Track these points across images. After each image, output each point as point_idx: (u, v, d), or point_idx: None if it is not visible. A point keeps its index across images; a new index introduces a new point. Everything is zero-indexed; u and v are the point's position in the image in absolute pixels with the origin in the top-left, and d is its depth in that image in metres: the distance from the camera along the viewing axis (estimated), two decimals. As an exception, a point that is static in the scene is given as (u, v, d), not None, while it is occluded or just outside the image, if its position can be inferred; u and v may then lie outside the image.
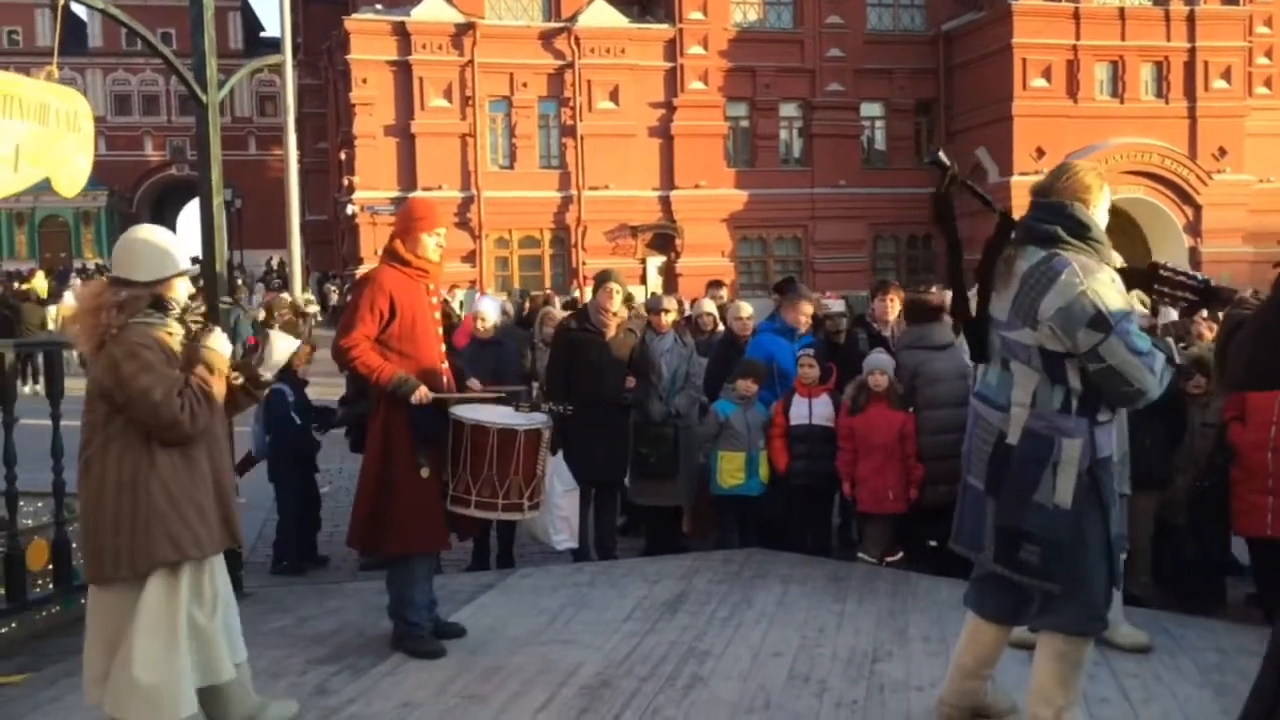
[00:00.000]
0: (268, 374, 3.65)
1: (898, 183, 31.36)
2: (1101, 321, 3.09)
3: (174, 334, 3.47)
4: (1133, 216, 29.77)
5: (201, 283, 3.76)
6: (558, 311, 10.03)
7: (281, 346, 3.75)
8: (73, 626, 5.08)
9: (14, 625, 4.94)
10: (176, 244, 3.51)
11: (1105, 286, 3.15)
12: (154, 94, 47.36)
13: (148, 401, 3.26)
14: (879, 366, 6.26)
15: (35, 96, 5.03)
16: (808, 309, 7.23)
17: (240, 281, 28.15)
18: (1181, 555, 5.69)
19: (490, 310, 7.14)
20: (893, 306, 7.12)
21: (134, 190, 47.31)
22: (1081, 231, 3.24)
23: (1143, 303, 3.59)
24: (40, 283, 27.94)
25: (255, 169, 45.68)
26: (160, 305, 3.43)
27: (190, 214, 50.08)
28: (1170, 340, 3.44)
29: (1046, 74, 29.22)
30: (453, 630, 4.80)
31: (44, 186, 5.24)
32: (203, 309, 3.61)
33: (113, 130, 45.45)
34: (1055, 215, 3.27)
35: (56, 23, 5.90)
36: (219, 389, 3.45)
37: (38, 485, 5.54)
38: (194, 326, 3.55)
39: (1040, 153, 28.40)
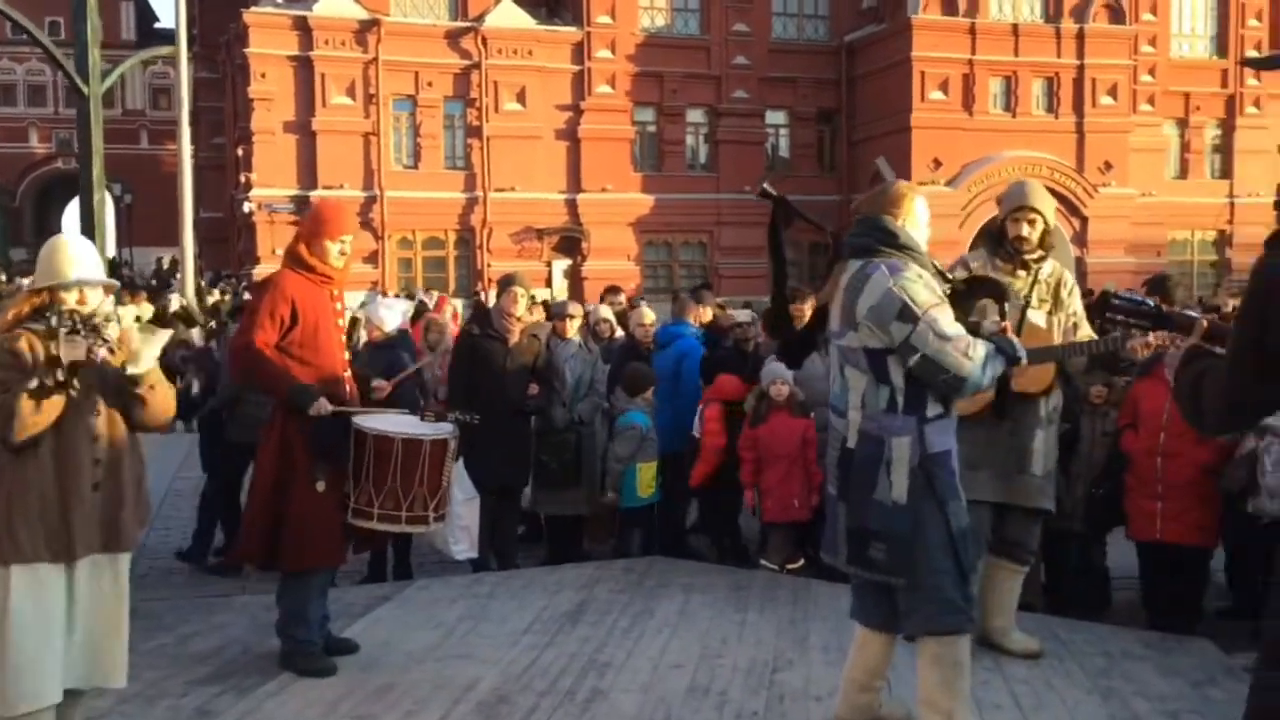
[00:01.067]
0: (138, 369, 3.46)
1: (801, 190, 31.63)
2: (908, 313, 3.31)
3: (45, 341, 3.34)
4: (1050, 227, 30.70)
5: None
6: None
7: (139, 340, 3.51)
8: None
9: None
10: (72, 254, 3.44)
11: (911, 283, 3.37)
12: (40, 84, 45.40)
13: None
14: (779, 376, 6.27)
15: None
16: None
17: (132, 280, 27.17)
18: (1069, 561, 5.83)
19: (389, 320, 6.92)
20: (804, 313, 7.12)
21: (18, 184, 45.33)
22: (890, 240, 3.48)
23: (1001, 313, 3.78)
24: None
25: (148, 164, 44.14)
26: (41, 312, 3.40)
27: (76, 209, 48.18)
28: (1013, 338, 3.53)
29: (944, 87, 29.96)
30: (345, 646, 4.66)
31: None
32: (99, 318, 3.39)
33: (-5, 121, 43.56)
34: (868, 229, 3.53)
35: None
36: (53, 400, 3.29)
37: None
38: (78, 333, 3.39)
39: (937, 163, 29.13)
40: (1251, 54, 30.21)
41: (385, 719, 3.98)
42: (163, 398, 3.58)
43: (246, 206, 28.54)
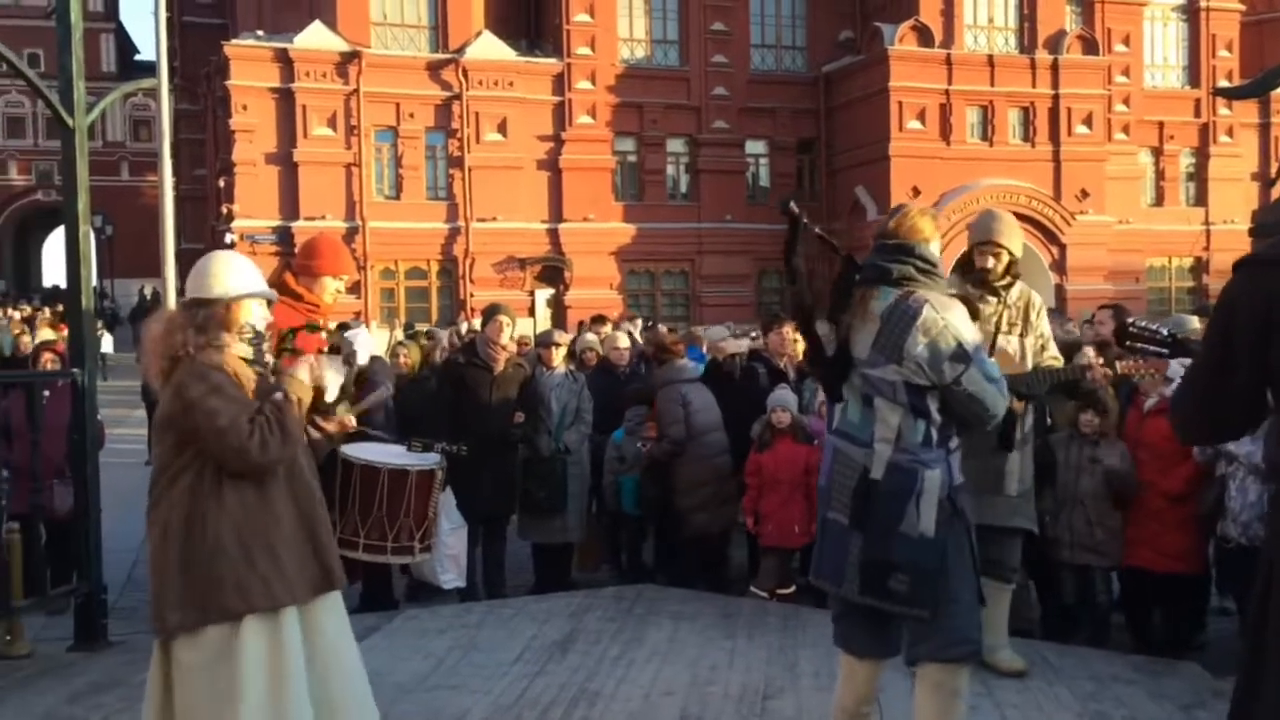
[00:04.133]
0: (331, 399, 3.32)
1: (782, 219, 31.93)
2: (963, 354, 3.30)
3: (247, 359, 3.19)
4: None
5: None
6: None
7: (330, 371, 3.39)
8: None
9: None
10: (249, 266, 3.30)
11: (962, 321, 3.37)
12: (19, 116, 45.31)
13: (213, 426, 2.95)
14: (781, 404, 6.35)
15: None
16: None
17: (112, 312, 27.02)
18: (1065, 593, 5.80)
19: (359, 353, 6.69)
20: (789, 340, 7.14)
21: (-5, 215, 45.14)
22: (930, 269, 3.44)
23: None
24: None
25: (128, 195, 44.03)
26: (229, 327, 3.17)
27: (56, 241, 47.92)
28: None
29: (921, 116, 30.27)
30: (334, 677, 4.62)
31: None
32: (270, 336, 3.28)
33: (-27, 153, 43.36)
34: (904, 255, 3.44)
35: (-90, 40, 5.60)
36: (298, 420, 3.13)
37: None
38: (268, 354, 3.27)
39: (916, 192, 29.36)
40: (1223, 84, 30.68)
41: (376, 750, 3.93)
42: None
43: (229, 238, 28.43)
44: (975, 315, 3.87)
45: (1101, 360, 4.86)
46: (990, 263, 4.60)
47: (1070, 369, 4.52)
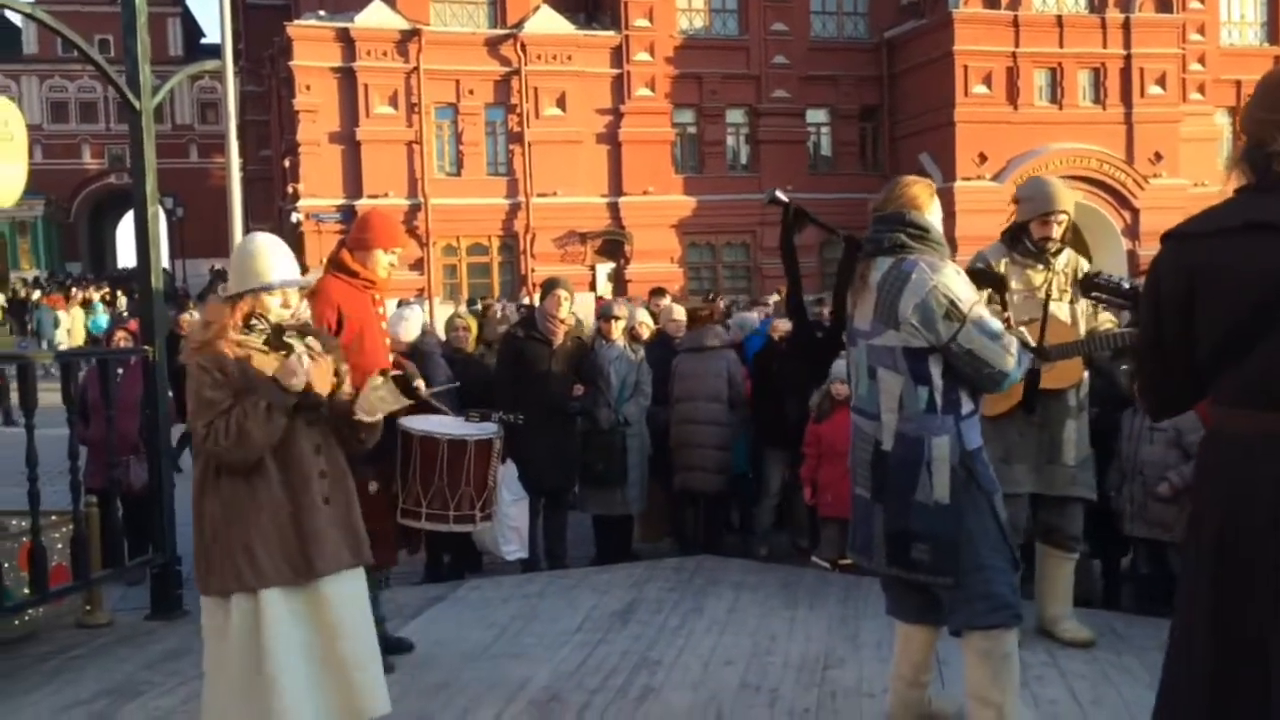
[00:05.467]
0: (365, 419, 3.30)
1: (844, 188, 31.58)
2: (955, 311, 3.28)
3: (265, 355, 3.19)
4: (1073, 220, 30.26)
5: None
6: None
7: (374, 395, 3.31)
8: (5, 650, 4.96)
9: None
10: (268, 255, 3.24)
11: (952, 279, 3.34)
12: (91, 101, 46.42)
13: (191, 426, 3.16)
14: (841, 375, 6.31)
15: (-39, 104, 4.89)
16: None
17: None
18: (1135, 567, 5.69)
19: (407, 330, 6.55)
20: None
21: (71, 199, 46.34)
22: (922, 234, 3.43)
23: (1000, 302, 3.85)
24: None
25: (197, 177, 44.95)
26: (248, 320, 3.20)
27: (129, 224, 49.10)
28: (1023, 330, 3.64)
29: (987, 80, 29.64)
30: (401, 646, 4.71)
31: (-24, 197, 5.09)
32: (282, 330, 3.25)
33: (49, 139, 44.51)
34: (896, 224, 3.45)
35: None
36: (279, 419, 3.11)
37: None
38: (287, 345, 3.25)
39: (982, 158, 28.82)
40: None
41: (441, 717, 4.02)
42: (371, 443, 3.47)
43: (294, 217, 28.93)
44: (1002, 287, 3.85)
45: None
46: (1055, 231, 4.52)
47: (1131, 332, 4.42)
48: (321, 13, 29.07)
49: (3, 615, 4.94)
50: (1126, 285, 3.37)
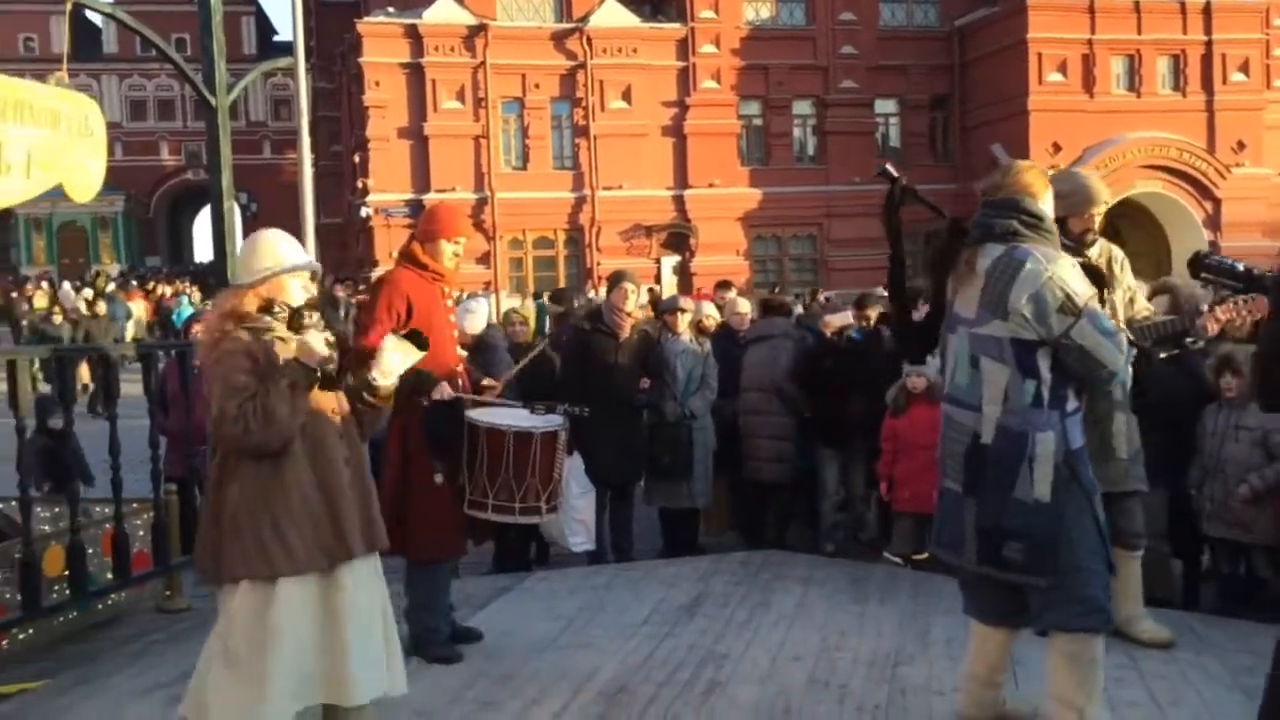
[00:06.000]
0: (383, 381, 3.32)
1: (914, 179, 30.25)
2: (1070, 305, 3.17)
3: (285, 339, 3.21)
4: (1151, 211, 29.55)
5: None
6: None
7: (392, 355, 3.34)
8: (88, 633, 5.10)
9: (31, 631, 4.93)
10: (283, 242, 3.31)
11: (1068, 272, 3.23)
12: (169, 99, 47.52)
13: (214, 414, 3.13)
14: (916, 370, 6.24)
15: (45, 103, 5.01)
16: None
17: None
18: (1218, 569, 5.53)
19: (475, 323, 6.57)
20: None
21: (150, 195, 47.52)
22: (1036, 223, 3.32)
23: (1101, 300, 3.65)
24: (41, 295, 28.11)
25: (270, 172, 45.81)
26: (268, 309, 3.23)
27: (205, 219, 50.28)
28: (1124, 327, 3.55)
29: (1062, 68, 29.04)
30: (470, 635, 4.76)
31: (61, 192, 5.23)
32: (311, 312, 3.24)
33: (129, 136, 45.64)
34: (1009, 210, 3.34)
35: (66, 29, 5.91)
36: (304, 399, 3.14)
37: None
38: (306, 326, 3.25)
39: (1056, 148, 28.23)
40: None
41: (510, 706, 4.04)
42: (387, 410, 3.51)
43: (364, 211, 29.38)
44: (1102, 282, 3.70)
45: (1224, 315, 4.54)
46: (1095, 224, 4.41)
47: (1176, 320, 4.28)
48: (390, 9, 29.45)
49: (87, 600, 5.10)
50: (1240, 268, 3.24)
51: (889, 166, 3.66)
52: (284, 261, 3.26)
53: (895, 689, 4.15)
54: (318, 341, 3.16)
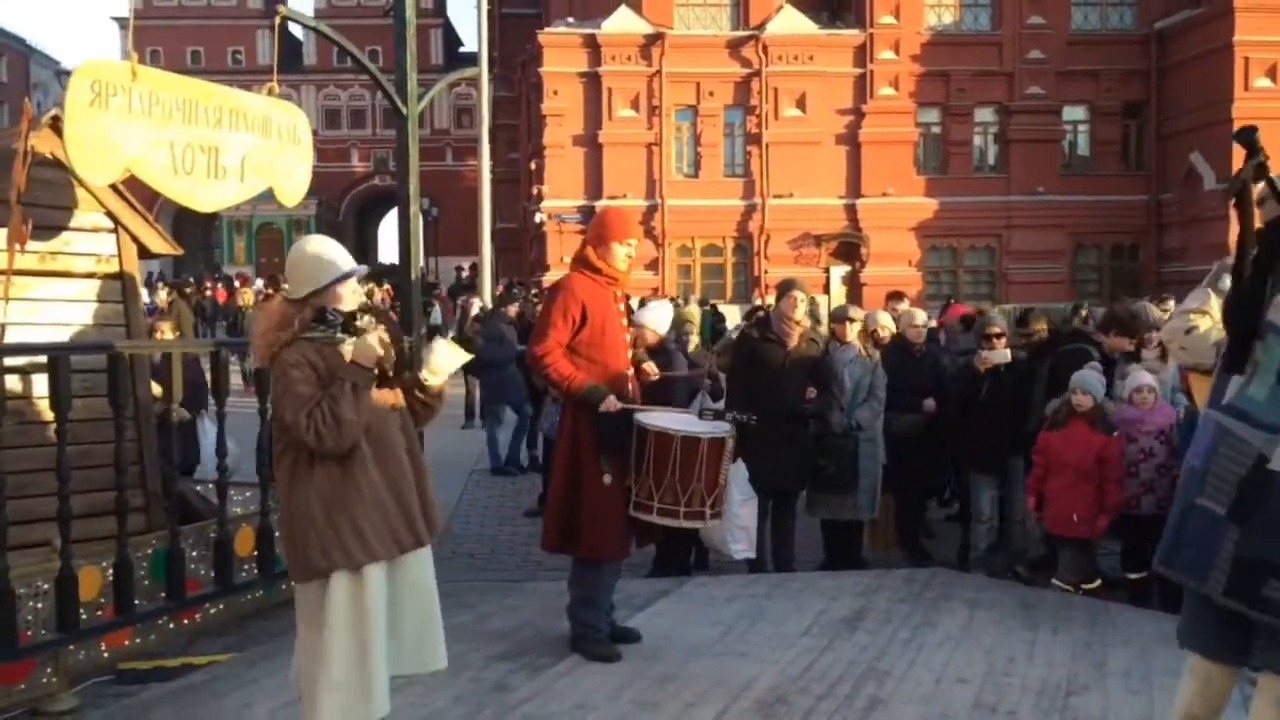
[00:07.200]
0: (434, 380, 3.53)
1: (1101, 190, 29.83)
2: None
3: (341, 344, 3.37)
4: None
5: (377, 286, 3.56)
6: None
7: (442, 355, 3.55)
8: (274, 610, 5.40)
9: (222, 607, 5.27)
10: (332, 251, 3.43)
11: None
12: (361, 108, 50.03)
13: (282, 423, 3.32)
14: (1082, 385, 5.96)
15: (258, 111, 5.37)
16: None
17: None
18: None
19: (660, 324, 6.56)
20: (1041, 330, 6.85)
21: (340, 200, 50.08)
22: None
23: None
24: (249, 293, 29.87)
25: (451, 179, 47.57)
26: (322, 317, 3.36)
27: (390, 223, 52.68)
28: None
29: (1271, 73, 27.18)
30: (628, 635, 4.82)
31: (261, 195, 5.57)
32: (368, 316, 3.43)
33: (323, 143, 48.08)
34: None
35: (274, 42, 6.28)
36: (366, 399, 3.32)
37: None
38: (360, 330, 3.41)
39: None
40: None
41: (667, 708, 4.07)
42: (440, 407, 3.71)
43: (538, 217, 30.16)
44: None
45: None
46: None
47: None
48: (570, 19, 30.14)
49: (273, 580, 5.40)
50: None
51: (1257, 135, 3.13)
52: (335, 271, 3.39)
53: (1068, 719, 3.97)
54: (373, 342, 3.34)
